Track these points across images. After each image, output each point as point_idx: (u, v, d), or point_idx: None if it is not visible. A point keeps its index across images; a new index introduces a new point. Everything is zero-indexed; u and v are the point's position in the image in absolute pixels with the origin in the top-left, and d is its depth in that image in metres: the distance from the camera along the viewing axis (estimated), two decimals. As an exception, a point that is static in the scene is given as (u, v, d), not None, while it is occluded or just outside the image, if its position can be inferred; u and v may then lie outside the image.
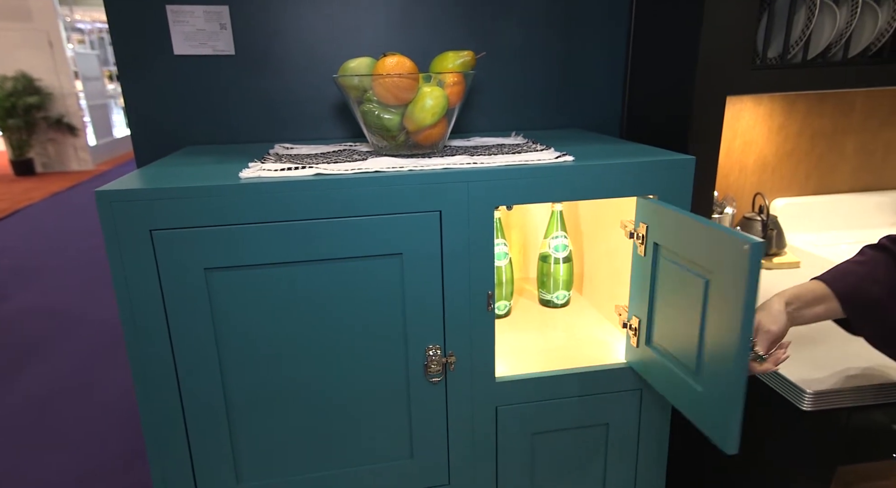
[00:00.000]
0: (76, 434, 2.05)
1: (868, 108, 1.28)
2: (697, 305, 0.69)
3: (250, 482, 0.84)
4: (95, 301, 3.24)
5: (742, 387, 0.63)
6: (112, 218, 0.70)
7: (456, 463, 0.89)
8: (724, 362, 0.65)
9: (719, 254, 0.64)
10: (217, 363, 0.78)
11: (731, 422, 0.65)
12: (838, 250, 1.25)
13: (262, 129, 1.13)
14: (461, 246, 0.79)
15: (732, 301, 0.63)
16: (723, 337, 0.65)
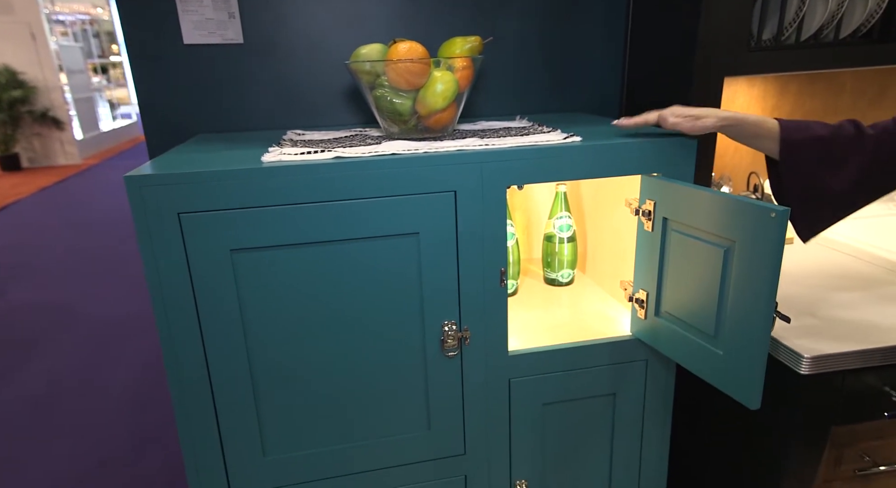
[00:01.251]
0: (82, 425, 2.07)
1: (857, 89, 1.32)
2: (715, 274, 0.74)
3: (276, 454, 0.87)
4: (91, 296, 3.24)
5: (766, 348, 0.68)
6: (142, 202, 0.73)
7: (471, 434, 0.93)
8: (749, 325, 0.70)
9: (743, 223, 0.68)
10: (243, 340, 0.81)
11: (756, 381, 0.70)
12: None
13: (272, 117, 1.15)
14: (475, 224, 0.83)
15: (758, 267, 0.67)
16: (747, 301, 0.70)
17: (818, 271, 1.09)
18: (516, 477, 0.98)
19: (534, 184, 0.93)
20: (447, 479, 0.95)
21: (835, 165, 0.77)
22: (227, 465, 0.86)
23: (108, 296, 3.23)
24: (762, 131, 0.79)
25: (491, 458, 0.96)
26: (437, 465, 0.94)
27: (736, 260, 0.71)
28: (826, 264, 1.12)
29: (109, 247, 4.10)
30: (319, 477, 0.90)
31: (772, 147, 0.80)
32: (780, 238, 0.64)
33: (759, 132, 0.80)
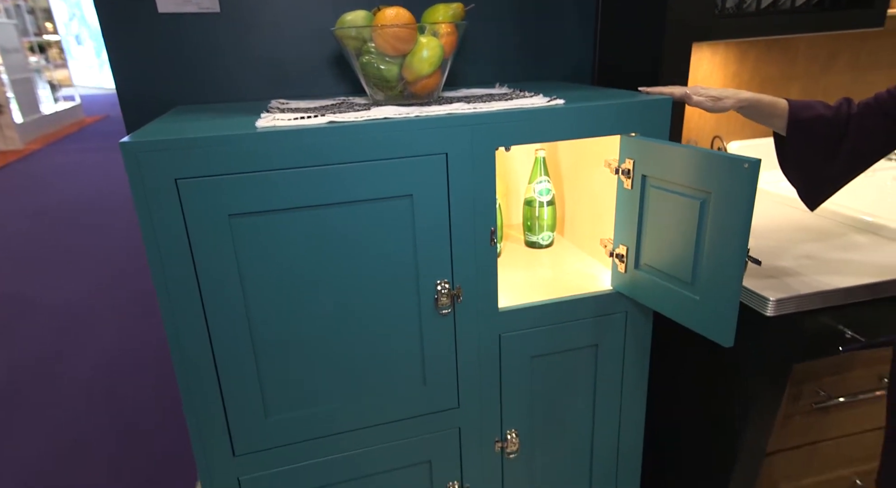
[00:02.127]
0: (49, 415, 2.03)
1: (810, 55, 1.40)
2: (692, 225, 0.79)
3: (278, 415, 0.90)
4: (48, 284, 3.13)
5: (739, 289, 0.75)
6: (138, 168, 0.73)
7: (464, 388, 0.98)
8: (723, 270, 0.76)
9: (717, 175, 0.74)
10: (243, 304, 0.82)
11: (730, 320, 0.76)
12: (785, 186, 1.39)
13: (252, 88, 1.15)
14: (466, 186, 0.86)
15: (732, 215, 0.73)
16: (722, 248, 0.76)
17: (778, 226, 1.17)
18: (507, 428, 1.03)
19: (521, 145, 0.97)
20: (442, 432, 1.00)
21: (834, 141, 0.85)
22: (230, 428, 0.88)
23: (66, 284, 3.13)
24: (776, 111, 0.87)
25: (483, 410, 1.01)
26: (432, 419, 0.98)
27: (711, 210, 0.77)
28: (785, 220, 1.21)
29: (63, 234, 3.95)
30: (320, 435, 0.93)
31: (782, 125, 0.88)
32: (752, 187, 0.70)
33: (773, 111, 0.87)
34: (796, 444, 1.11)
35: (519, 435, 1.04)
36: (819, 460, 1.14)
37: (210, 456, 0.89)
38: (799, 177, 0.91)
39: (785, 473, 1.14)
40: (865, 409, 1.11)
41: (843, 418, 1.11)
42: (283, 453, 0.92)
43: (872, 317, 0.95)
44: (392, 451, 0.98)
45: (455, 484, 1.04)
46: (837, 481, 1.18)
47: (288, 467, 0.93)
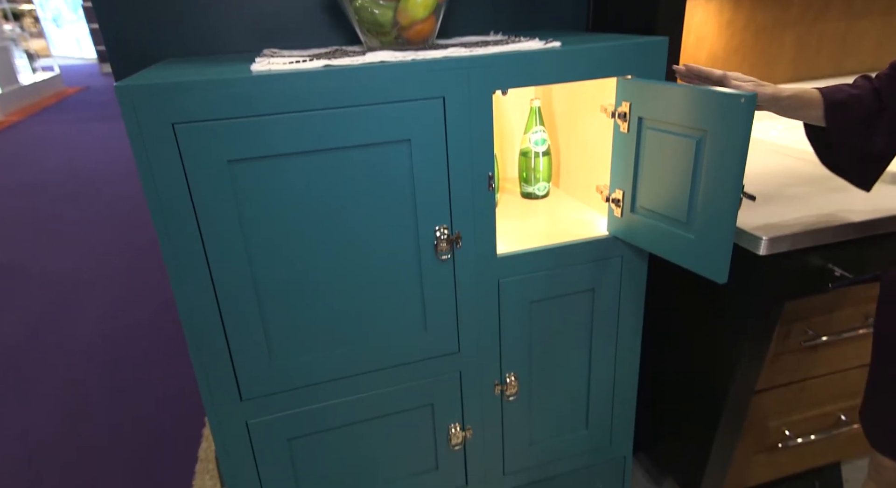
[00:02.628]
0: (48, 383, 2.04)
1: (804, 3, 1.40)
2: (688, 164, 0.80)
3: (283, 361, 0.92)
4: (44, 256, 3.11)
5: (734, 226, 0.76)
6: (134, 113, 0.72)
7: (464, 333, 1.00)
8: (719, 207, 0.77)
9: (714, 112, 0.75)
10: (245, 251, 0.83)
11: (724, 256, 0.78)
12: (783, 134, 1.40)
13: (241, 40, 1.13)
14: (463, 130, 0.86)
15: (728, 151, 0.74)
16: (717, 185, 0.77)
17: (768, 173, 1.19)
18: (506, 371, 1.06)
19: (518, 91, 0.97)
20: (443, 376, 1.02)
21: (874, 115, 0.82)
22: (236, 373, 0.90)
23: (57, 254, 3.11)
24: (811, 99, 0.83)
25: (483, 355, 1.03)
26: (433, 363, 1.01)
27: (707, 148, 0.78)
28: (776, 167, 1.22)
29: (48, 205, 3.90)
30: (325, 380, 0.95)
31: (816, 114, 0.84)
32: (748, 122, 0.71)
33: (809, 101, 0.84)
34: (785, 382, 1.15)
35: (518, 378, 1.07)
36: (806, 397, 1.19)
37: (218, 402, 0.91)
38: (847, 160, 0.87)
39: (773, 410, 1.18)
40: (851, 347, 1.15)
41: (830, 356, 1.15)
42: (290, 397, 0.94)
43: (861, 254, 0.98)
44: (395, 395, 1.00)
45: (457, 426, 1.07)
46: (823, 417, 1.23)
47: (294, 411, 0.95)
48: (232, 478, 0.97)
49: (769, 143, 1.32)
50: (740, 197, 0.76)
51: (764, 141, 1.33)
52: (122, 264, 2.94)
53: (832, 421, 1.24)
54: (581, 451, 1.20)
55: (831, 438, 1.25)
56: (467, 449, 1.10)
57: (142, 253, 3.06)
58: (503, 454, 1.13)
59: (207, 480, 1.56)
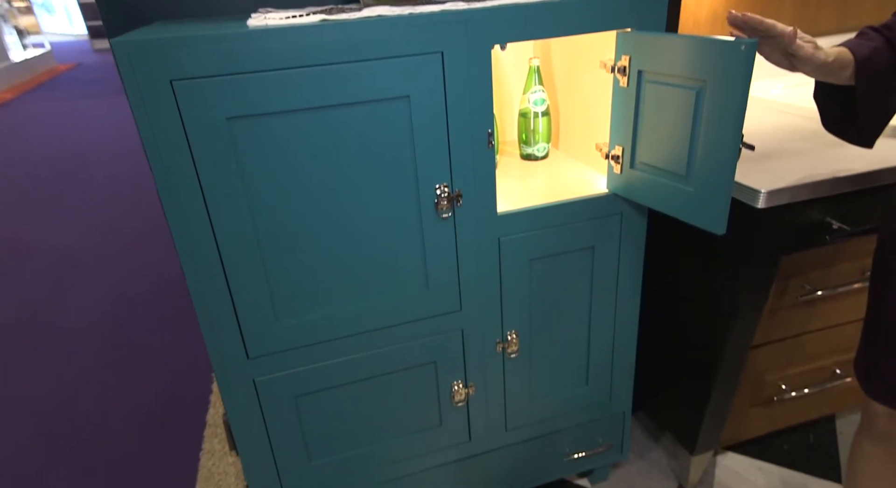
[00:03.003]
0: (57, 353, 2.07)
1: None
2: (688, 116, 0.80)
3: (288, 319, 0.93)
4: (42, 231, 3.12)
5: (733, 176, 0.76)
6: (132, 69, 0.72)
7: (466, 291, 1.01)
8: (718, 157, 0.78)
9: (714, 61, 0.74)
10: (247, 209, 0.84)
11: (723, 207, 0.79)
12: (784, 92, 1.39)
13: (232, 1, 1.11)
14: (462, 85, 0.86)
15: (728, 101, 0.74)
16: (717, 136, 0.77)
17: (768, 130, 1.19)
18: (507, 329, 1.08)
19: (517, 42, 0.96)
20: (446, 334, 1.04)
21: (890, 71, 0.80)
22: (242, 333, 0.91)
23: (59, 228, 3.12)
24: (848, 61, 0.80)
25: (484, 313, 1.05)
26: (436, 322, 1.02)
27: (707, 98, 0.78)
28: (777, 124, 1.22)
29: (50, 181, 3.89)
30: (330, 338, 0.97)
31: (848, 73, 0.80)
32: (748, 70, 0.71)
33: (847, 63, 0.80)
34: (781, 337, 1.17)
35: (519, 335, 1.09)
36: (802, 351, 1.21)
37: (226, 360, 0.92)
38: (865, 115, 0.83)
39: (769, 365, 1.20)
40: (848, 302, 1.17)
41: (827, 310, 1.16)
42: (295, 355, 0.96)
43: (858, 207, 0.98)
44: (399, 353, 1.02)
45: (459, 383, 1.09)
46: (818, 371, 1.25)
47: (300, 369, 0.97)
48: (242, 435, 0.99)
49: (770, 101, 1.32)
50: (740, 147, 0.76)
51: (765, 99, 1.33)
52: (122, 240, 2.95)
53: (827, 374, 1.26)
54: (581, 407, 1.22)
55: (826, 391, 1.28)
56: (470, 406, 1.13)
57: (142, 229, 3.06)
58: (505, 410, 1.16)
59: (216, 443, 1.60)
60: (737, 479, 1.37)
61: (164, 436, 1.63)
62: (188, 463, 1.53)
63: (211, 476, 1.49)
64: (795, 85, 1.44)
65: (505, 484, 1.25)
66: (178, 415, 1.71)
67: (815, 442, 1.45)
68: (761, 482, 1.36)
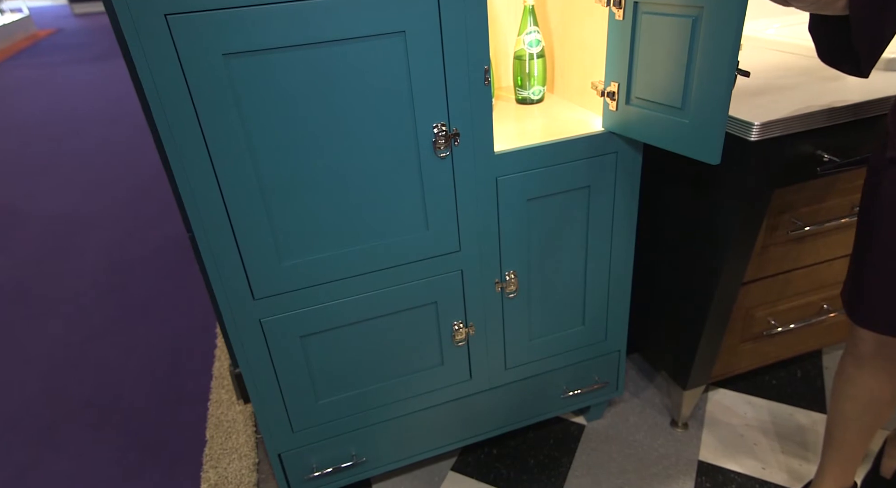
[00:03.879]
0: (60, 314, 2.10)
1: None
2: (683, 46, 0.81)
3: (290, 260, 0.95)
4: (36, 196, 3.10)
5: (728, 103, 0.77)
6: (125, 3, 0.71)
7: (465, 231, 1.03)
8: (713, 86, 0.78)
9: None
10: (246, 149, 0.84)
11: (718, 138, 0.80)
12: (771, 32, 1.39)
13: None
14: (458, 21, 0.86)
15: (724, 27, 0.74)
16: (712, 64, 0.78)
17: (764, 68, 1.19)
18: (506, 269, 1.10)
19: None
20: (445, 274, 1.06)
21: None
22: (247, 273, 0.93)
23: (53, 194, 3.10)
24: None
25: (483, 253, 1.07)
26: (435, 262, 1.04)
27: (703, 26, 0.78)
28: (771, 62, 1.22)
29: (41, 146, 3.84)
30: (333, 279, 0.99)
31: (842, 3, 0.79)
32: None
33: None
34: (772, 273, 1.20)
35: (517, 275, 1.11)
36: (791, 287, 1.24)
37: (232, 301, 0.95)
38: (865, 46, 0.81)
39: (760, 300, 1.24)
40: (837, 237, 1.19)
41: (816, 246, 1.19)
42: (299, 296, 0.98)
43: (850, 140, 1.00)
44: (400, 293, 1.05)
45: (460, 323, 1.12)
46: (807, 306, 1.29)
47: (305, 309, 1.00)
48: (250, 375, 1.03)
49: (765, 40, 1.31)
50: (735, 74, 0.77)
51: (760, 38, 1.32)
52: (117, 202, 2.94)
53: (815, 309, 1.30)
54: (578, 346, 1.26)
55: (813, 326, 1.32)
56: (470, 345, 1.16)
57: (136, 192, 3.05)
58: (504, 349, 1.19)
59: (223, 393, 1.64)
60: (726, 412, 1.43)
61: (173, 389, 1.67)
62: (198, 411, 1.58)
63: (220, 423, 1.54)
64: (791, 24, 1.43)
65: (504, 421, 1.30)
66: (185, 370, 1.75)
67: (801, 377, 1.51)
68: (750, 414, 1.42)
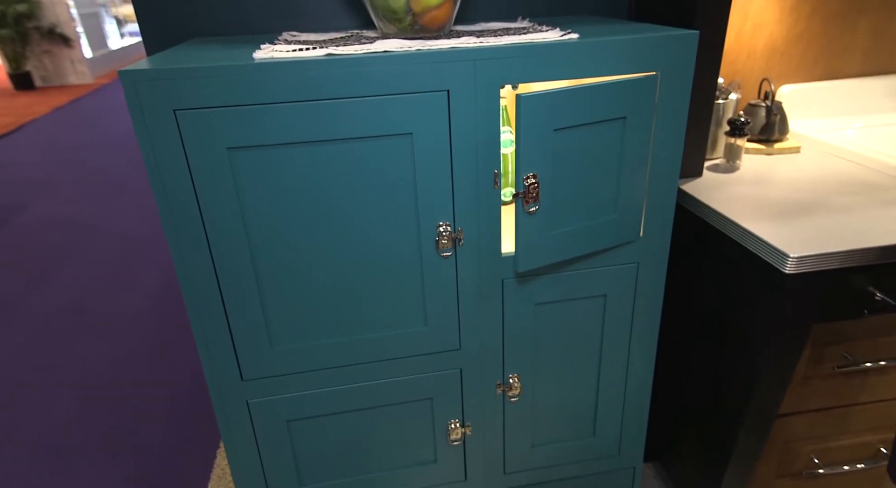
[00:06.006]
0: (110, 329, 2.20)
1: (887, -14, 1.24)
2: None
3: (282, 345, 0.93)
4: (113, 212, 3.33)
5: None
6: (137, 98, 0.74)
7: (466, 331, 0.98)
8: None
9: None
10: (245, 238, 0.84)
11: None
12: (843, 135, 1.27)
13: (268, 20, 1.13)
14: (469, 125, 0.83)
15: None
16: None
17: (821, 178, 1.08)
18: (509, 372, 1.04)
19: (530, 83, 0.92)
20: (443, 372, 1.01)
21: None
22: (237, 354, 0.92)
23: (126, 212, 3.32)
24: None
25: (485, 354, 1.01)
26: (433, 359, 1.00)
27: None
28: (830, 172, 1.11)
29: (123, 165, 4.15)
30: (323, 367, 0.96)
31: None
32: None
33: None
34: (815, 407, 1.06)
35: (521, 379, 1.04)
36: (841, 425, 1.10)
37: (220, 380, 0.94)
38: None
39: (801, 435, 1.10)
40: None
41: (872, 384, 1.05)
42: (289, 381, 0.96)
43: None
44: (393, 386, 1.00)
45: (456, 422, 1.06)
46: (860, 447, 1.13)
47: (294, 394, 0.97)
48: (234, 454, 1.01)
49: (832, 146, 1.20)
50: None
51: (827, 143, 1.21)
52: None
53: (871, 452, 1.14)
54: (586, 458, 1.16)
55: (867, 471, 1.16)
56: (467, 446, 1.10)
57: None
58: (504, 453, 1.12)
59: (233, 443, 1.64)
60: (757, 550, 1.26)
61: (187, 429, 1.69)
62: (205, 460, 1.58)
63: (224, 475, 1.53)
64: (873, 125, 1.31)
65: (501, 525, 1.21)
66: (203, 411, 1.77)
67: (853, 520, 1.31)
68: (784, 557, 1.25)
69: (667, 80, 0.85)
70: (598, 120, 0.84)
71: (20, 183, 3.88)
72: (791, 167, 1.15)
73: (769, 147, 1.22)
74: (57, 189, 3.74)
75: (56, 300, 2.44)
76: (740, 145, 1.14)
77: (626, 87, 0.84)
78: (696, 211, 1.04)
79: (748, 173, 1.13)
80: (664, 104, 0.87)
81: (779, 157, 1.20)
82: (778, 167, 1.15)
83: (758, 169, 1.15)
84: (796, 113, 1.31)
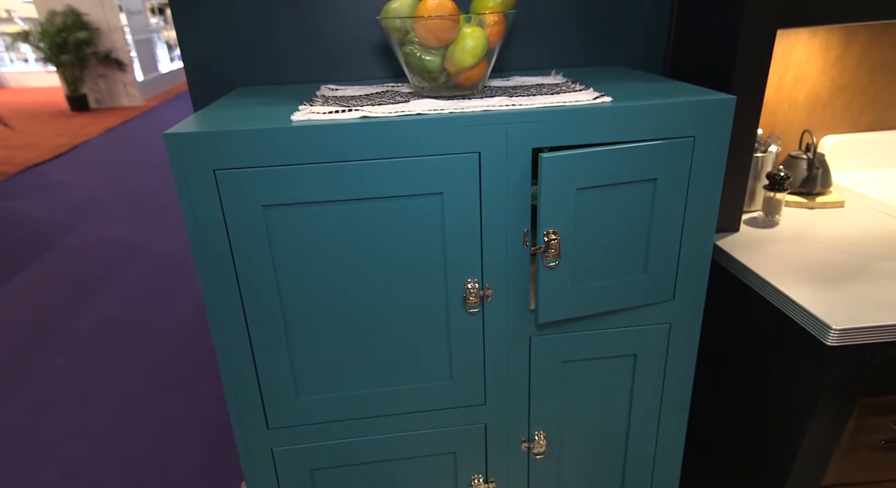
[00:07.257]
0: (146, 351, 2.26)
1: (937, 38, 1.20)
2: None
3: (308, 396, 0.94)
4: (156, 233, 3.44)
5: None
6: (180, 158, 0.77)
7: (492, 386, 0.97)
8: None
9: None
10: (276, 291, 0.86)
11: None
12: (890, 188, 1.22)
13: (308, 70, 1.17)
14: (499, 185, 0.83)
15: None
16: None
17: (866, 238, 1.04)
18: (535, 429, 1.02)
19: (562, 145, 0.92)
20: (468, 426, 1.00)
21: None
22: (264, 403, 0.93)
23: (168, 234, 3.43)
24: None
25: (510, 410, 1.00)
26: (458, 413, 0.99)
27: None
28: (875, 229, 1.07)
29: (168, 186, 4.30)
30: (348, 418, 0.96)
31: None
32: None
33: None
34: (861, 481, 1.01)
35: (547, 436, 1.02)
36: (886, 500, 1.03)
37: (246, 427, 0.95)
38: None
39: (843, 509, 1.04)
40: (948, 453, 0.98)
41: (919, 460, 0.99)
42: (313, 430, 0.97)
43: (962, 356, 0.83)
44: (417, 439, 1.00)
45: (479, 477, 1.05)
46: (906, 525, 1.06)
47: (317, 444, 0.98)
48: (257, 497, 1.02)
49: (878, 202, 1.15)
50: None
51: (874, 198, 1.16)
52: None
53: (919, 529, 1.07)
54: (614, 517, 1.13)
55: (916, 548, 1.08)
56: (490, 500, 1.08)
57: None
58: (528, 509, 1.09)
59: (258, 476, 1.65)
60: None
61: (215, 458, 1.72)
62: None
63: (247, 508, 1.54)
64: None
65: None
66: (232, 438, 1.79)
67: None
68: None
69: (702, 143, 0.84)
70: (626, 181, 0.83)
71: (74, 202, 4.06)
72: (834, 222, 1.11)
73: (811, 200, 1.18)
74: (106, 208, 3.91)
75: (97, 320, 2.52)
76: (780, 199, 1.11)
77: (657, 151, 0.83)
78: (732, 269, 1.02)
79: (788, 228, 1.10)
80: (698, 165, 0.86)
81: (821, 212, 1.16)
82: (820, 222, 1.12)
83: (798, 224, 1.12)
84: (840, 164, 1.27)
